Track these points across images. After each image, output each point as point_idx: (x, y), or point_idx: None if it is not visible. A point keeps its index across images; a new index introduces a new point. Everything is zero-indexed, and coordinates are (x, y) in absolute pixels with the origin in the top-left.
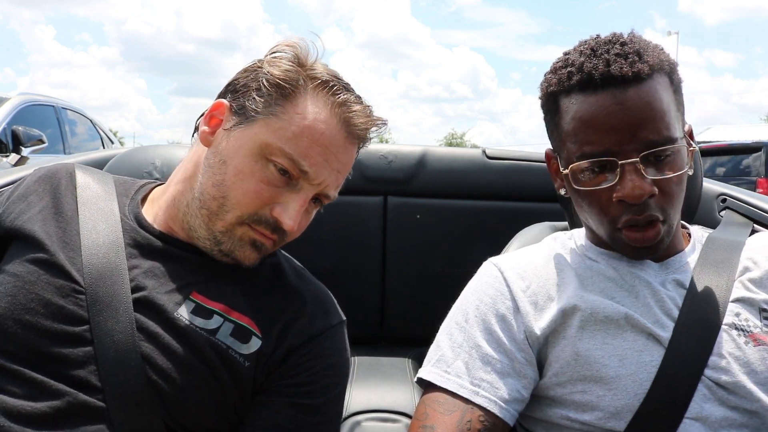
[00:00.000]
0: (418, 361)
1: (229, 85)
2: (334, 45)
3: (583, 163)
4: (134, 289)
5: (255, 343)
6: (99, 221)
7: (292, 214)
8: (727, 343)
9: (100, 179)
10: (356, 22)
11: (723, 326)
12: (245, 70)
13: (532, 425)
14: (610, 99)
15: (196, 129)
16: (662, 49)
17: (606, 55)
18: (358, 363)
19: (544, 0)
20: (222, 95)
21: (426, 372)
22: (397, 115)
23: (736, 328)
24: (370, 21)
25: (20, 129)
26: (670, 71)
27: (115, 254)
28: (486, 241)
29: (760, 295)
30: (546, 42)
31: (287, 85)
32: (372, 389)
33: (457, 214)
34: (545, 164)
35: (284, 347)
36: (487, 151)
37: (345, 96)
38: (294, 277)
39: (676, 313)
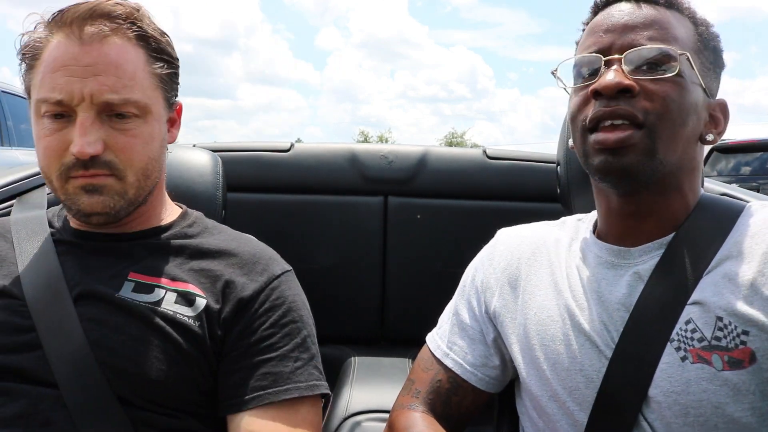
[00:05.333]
0: None
1: None
2: (331, 45)
3: (577, 66)
4: (72, 287)
5: (200, 303)
6: (31, 238)
7: (76, 139)
8: (668, 356)
9: (34, 206)
10: (353, 21)
11: (671, 337)
12: None
13: (522, 405)
14: (615, 9)
15: None
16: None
17: None
18: (358, 363)
19: (544, 0)
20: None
21: (431, 332)
22: (395, 115)
23: (678, 340)
24: (368, 21)
25: None
26: (697, 23)
27: (47, 261)
28: (486, 241)
29: (723, 299)
30: (546, 42)
31: (32, 46)
32: (372, 389)
33: (457, 214)
34: (545, 164)
35: (232, 303)
36: (487, 151)
37: (69, 9)
38: (227, 239)
39: (621, 327)
